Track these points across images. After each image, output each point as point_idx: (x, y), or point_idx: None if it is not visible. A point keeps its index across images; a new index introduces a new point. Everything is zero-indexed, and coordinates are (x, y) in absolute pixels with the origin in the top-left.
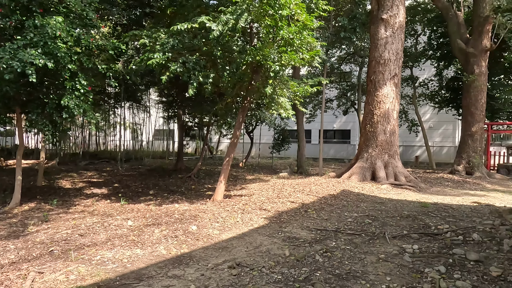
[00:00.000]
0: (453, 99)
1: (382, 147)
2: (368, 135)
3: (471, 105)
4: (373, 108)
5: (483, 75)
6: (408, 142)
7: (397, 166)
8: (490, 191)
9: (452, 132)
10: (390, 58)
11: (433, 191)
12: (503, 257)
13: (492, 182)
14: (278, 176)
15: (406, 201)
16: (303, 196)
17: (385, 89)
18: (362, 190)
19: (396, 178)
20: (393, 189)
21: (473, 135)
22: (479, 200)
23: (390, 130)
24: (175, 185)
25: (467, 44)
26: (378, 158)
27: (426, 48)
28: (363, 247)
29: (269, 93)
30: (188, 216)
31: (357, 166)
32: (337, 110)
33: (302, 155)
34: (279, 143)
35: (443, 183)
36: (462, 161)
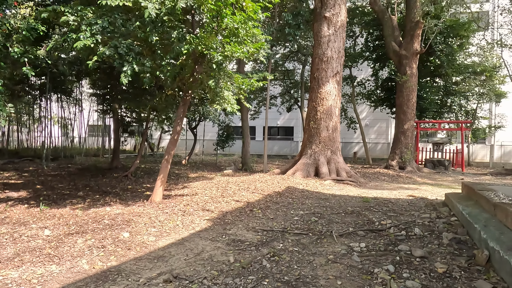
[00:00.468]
0: (387, 98)
1: (325, 143)
2: (311, 131)
3: (403, 104)
4: (317, 105)
5: (414, 76)
6: (347, 139)
7: (339, 162)
8: (421, 184)
9: (386, 130)
10: (333, 56)
11: (372, 186)
12: (445, 251)
13: (421, 175)
14: (222, 173)
15: (349, 197)
16: (248, 194)
17: (328, 86)
18: (307, 186)
19: (338, 174)
20: (336, 185)
21: (405, 132)
22: (413, 193)
23: (332, 126)
24: (109, 186)
25: (400, 46)
26: (321, 154)
27: (364, 50)
28: (311, 247)
29: (212, 86)
30: (120, 221)
31: (301, 162)
32: (281, 107)
33: (247, 152)
34: (224, 140)
35: (380, 177)
36: (396, 156)
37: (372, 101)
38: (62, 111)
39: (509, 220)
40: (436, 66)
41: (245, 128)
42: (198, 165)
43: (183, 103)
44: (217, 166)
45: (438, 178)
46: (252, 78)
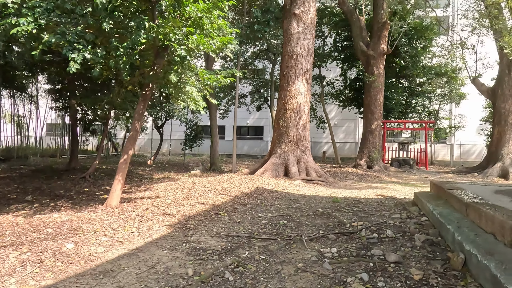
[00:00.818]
0: (355, 98)
1: (294, 142)
2: (281, 130)
3: (371, 103)
4: (286, 103)
5: (381, 76)
6: (316, 138)
7: (308, 161)
8: (388, 183)
9: (354, 129)
10: (302, 54)
11: (341, 185)
12: (418, 254)
13: (388, 174)
14: (189, 174)
15: (318, 197)
16: (214, 196)
17: (297, 84)
18: (276, 186)
19: (307, 174)
20: (305, 185)
21: (373, 132)
22: (382, 192)
23: (302, 125)
24: (63, 188)
25: (368, 47)
26: (291, 153)
27: (332, 50)
28: (279, 255)
29: (173, 81)
30: (66, 229)
31: (271, 162)
32: (250, 106)
33: (215, 152)
34: (192, 139)
35: (349, 177)
36: (364, 155)
37: (341, 101)
38: (16, 109)
39: (482, 221)
40: (401, 68)
41: (214, 127)
42: (165, 166)
43: (142, 99)
44: (185, 166)
45: (404, 177)
46: (220, 74)
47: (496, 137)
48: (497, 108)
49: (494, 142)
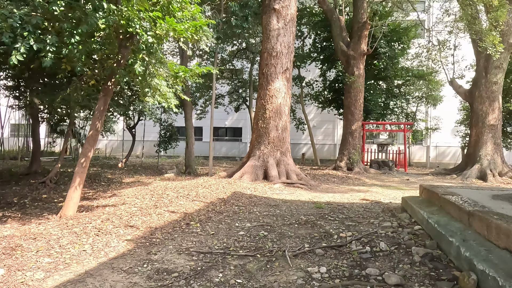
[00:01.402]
0: (335, 99)
1: (274, 144)
2: (260, 131)
3: (351, 104)
4: (265, 103)
5: (361, 77)
6: (295, 140)
7: (289, 163)
8: (370, 186)
9: (333, 131)
10: (282, 51)
11: (323, 189)
12: (420, 273)
13: (369, 176)
14: (162, 177)
15: (300, 202)
16: (187, 202)
17: (277, 83)
18: (255, 191)
19: (288, 177)
20: (286, 188)
21: (353, 133)
22: (365, 196)
23: (282, 126)
24: (18, 195)
25: (348, 47)
26: (271, 155)
27: (312, 50)
28: (259, 277)
29: (139, 72)
30: (1, 248)
31: (249, 164)
32: (228, 107)
33: (191, 154)
34: (166, 141)
35: (330, 179)
36: (344, 157)
37: (320, 102)
38: None
39: (493, 233)
40: (380, 70)
41: (189, 127)
42: (137, 169)
43: (104, 94)
44: (159, 169)
45: (385, 179)
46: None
47: (474, 139)
48: (475, 110)
49: (471, 144)
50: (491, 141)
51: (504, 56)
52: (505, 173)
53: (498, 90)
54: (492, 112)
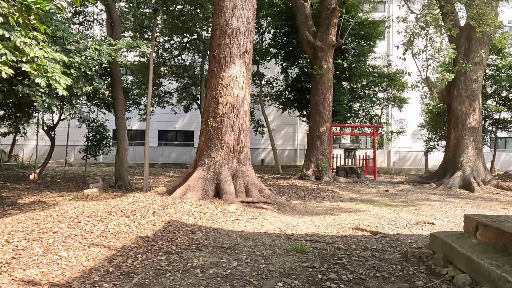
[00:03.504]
0: (297, 99)
1: (229, 149)
2: (211, 132)
3: (319, 103)
4: (218, 95)
5: (331, 72)
6: (254, 144)
7: (249, 175)
8: (349, 201)
9: (293, 135)
10: (240, 28)
11: (294, 209)
12: None
13: (341, 187)
14: (81, 194)
15: (269, 238)
16: (80, 249)
17: (233, 69)
18: (201, 218)
19: (248, 193)
20: (246, 211)
21: (322, 136)
22: (354, 220)
23: (240, 126)
24: None
25: (315, 37)
26: (225, 165)
27: (272, 44)
28: None
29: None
30: None
31: (196, 176)
32: (177, 106)
33: (123, 162)
34: (95, 145)
35: (298, 192)
36: (311, 164)
37: (281, 103)
38: None
39: None
40: (344, 69)
41: (120, 129)
42: (55, 181)
43: None
44: (85, 181)
45: (361, 191)
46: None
47: (453, 143)
48: (454, 111)
49: (451, 148)
50: (472, 145)
51: (484, 51)
52: (489, 181)
53: (478, 89)
54: (473, 113)
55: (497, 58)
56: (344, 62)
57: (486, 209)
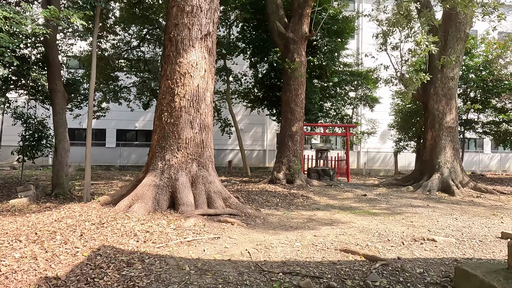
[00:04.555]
0: (267, 97)
1: (188, 150)
2: (165, 129)
3: (291, 100)
4: (174, 85)
5: (303, 66)
6: (220, 144)
7: (211, 181)
8: (327, 208)
9: (262, 135)
10: (201, 6)
11: (266, 221)
12: None
13: (315, 191)
14: (5, 205)
15: (235, 272)
16: None
17: (193, 54)
18: (145, 241)
19: (211, 204)
20: (206, 227)
21: (294, 136)
22: (339, 237)
23: (201, 122)
24: None
25: (287, 28)
26: (182, 169)
27: (240, 38)
28: None
29: None
30: None
31: (146, 183)
32: (135, 103)
33: (62, 165)
34: (33, 146)
35: (269, 199)
36: (283, 167)
37: (250, 101)
38: None
39: None
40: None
41: (59, 126)
42: None
43: None
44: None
45: (337, 195)
46: None
47: (430, 144)
48: (430, 110)
49: (427, 149)
50: (449, 145)
51: (460, 48)
52: (466, 183)
53: (454, 87)
54: (450, 112)
55: (466, 58)
56: (315, 60)
57: (477, 217)
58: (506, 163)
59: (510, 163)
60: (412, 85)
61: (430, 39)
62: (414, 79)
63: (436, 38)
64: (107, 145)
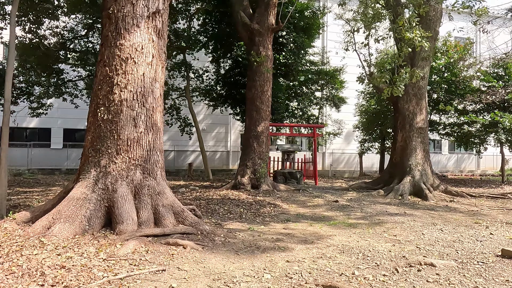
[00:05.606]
0: (230, 95)
1: (130, 154)
2: (101, 128)
3: (256, 97)
4: (114, 73)
5: (270, 60)
6: (180, 146)
7: (160, 192)
8: (299, 219)
9: (225, 136)
10: None
11: (227, 241)
12: None
13: (283, 198)
14: None
15: None
16: None
17: (137, 35)
18: (55, 284)
19: (158, 220)
20: (149, 254)
21: (259, 137)
22: (318, 263)
23: (147, 120)
24: None
25: (252, 19)
26: (122, 177)
27: (201, 32)
28: None
29: None
30: None
31: (73, 197)
32: (82, 99)
33: None
34: None
35: (233, 209)
36: (247, 170)
37: (212, 99)
38: None
39: None
40: (282, 64)
41: None
42: None
43: None
44: None
45: (307, 202)
46: None
47: (401, 145)
48: (400, 110)
49: (398, 150)
50: (420, 147)
51: (430, 46)
52: (437, 186)
53: (425, 86)
54: (420, 112)
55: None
56: (281, 57)
57: (461, 226)
58: (462, 164)
59: (466, 164)
60: (379, 80)
61: (423, 33)
62: (381, 75)
63: (429, 33)
64: (53, 146)
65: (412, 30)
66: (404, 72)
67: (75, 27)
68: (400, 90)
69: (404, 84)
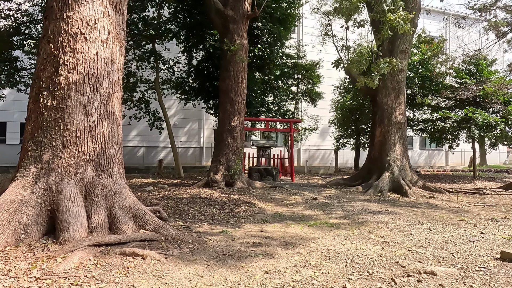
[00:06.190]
0: (203, 88)
1: (79, 147)
2: (44, 116)
3: (230, 89)
4: (59, 50)
5: (245, 50)
6: (151, 142)
7: (117, 192)
8: (276, 219)
9: (198, 131)
10: None
11: (196, 248)
12: None
13: (259, 196)
14: None
15: None
16: None
17: (89, 7)
18: None
19: (114, 225)
20: (99, 269)
21: (233, 131)
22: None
23: (101, 107)
24: None
25: (226, 5)
26: (69, 175)
27: (172, 21)
28: None
29: None
30: None
31: (6, 199)
32: None
33: None
34: None
35: (204, 210)
36: (221, 167)
37: (183, 92)
38: None
39: None
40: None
41: None
42: None
43: None
44: None
45: (284, 200)
46: None
47: (379, 140)
48: (379, 104)
49: (376, 146)
50: (399, 142)
51: (409, 39)
52: (415, 182)
53: (403, 80)
54: (399, 106)
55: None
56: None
57: (448, 225)
58: (432, 160)
59: (435, 160)
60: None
61: (406, 15)
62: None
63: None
64: (8, 141)
65: (395, 11)
66: (383, 61)
67: (29, 10)
68: (375, 82)
69: (383, 77)
